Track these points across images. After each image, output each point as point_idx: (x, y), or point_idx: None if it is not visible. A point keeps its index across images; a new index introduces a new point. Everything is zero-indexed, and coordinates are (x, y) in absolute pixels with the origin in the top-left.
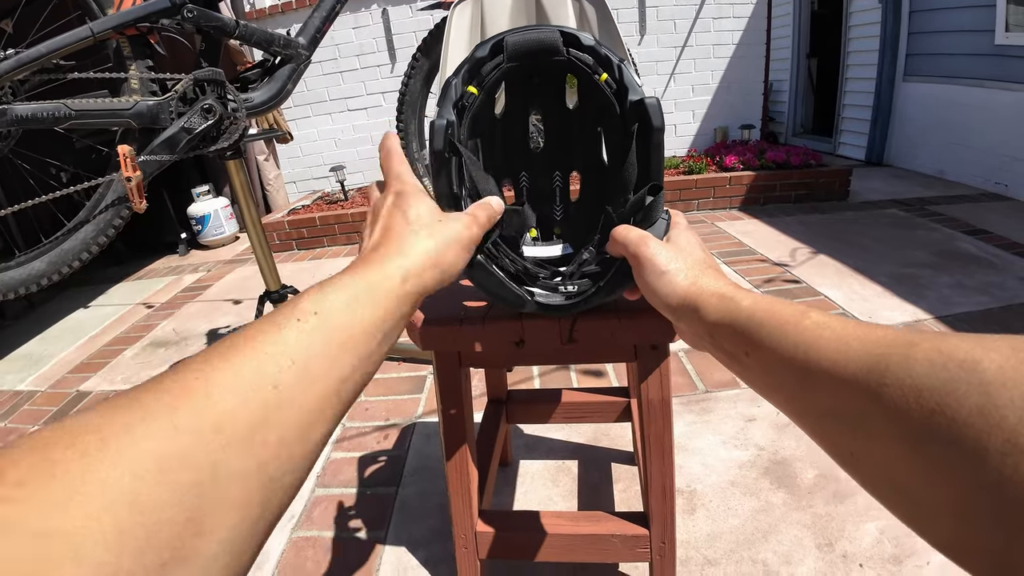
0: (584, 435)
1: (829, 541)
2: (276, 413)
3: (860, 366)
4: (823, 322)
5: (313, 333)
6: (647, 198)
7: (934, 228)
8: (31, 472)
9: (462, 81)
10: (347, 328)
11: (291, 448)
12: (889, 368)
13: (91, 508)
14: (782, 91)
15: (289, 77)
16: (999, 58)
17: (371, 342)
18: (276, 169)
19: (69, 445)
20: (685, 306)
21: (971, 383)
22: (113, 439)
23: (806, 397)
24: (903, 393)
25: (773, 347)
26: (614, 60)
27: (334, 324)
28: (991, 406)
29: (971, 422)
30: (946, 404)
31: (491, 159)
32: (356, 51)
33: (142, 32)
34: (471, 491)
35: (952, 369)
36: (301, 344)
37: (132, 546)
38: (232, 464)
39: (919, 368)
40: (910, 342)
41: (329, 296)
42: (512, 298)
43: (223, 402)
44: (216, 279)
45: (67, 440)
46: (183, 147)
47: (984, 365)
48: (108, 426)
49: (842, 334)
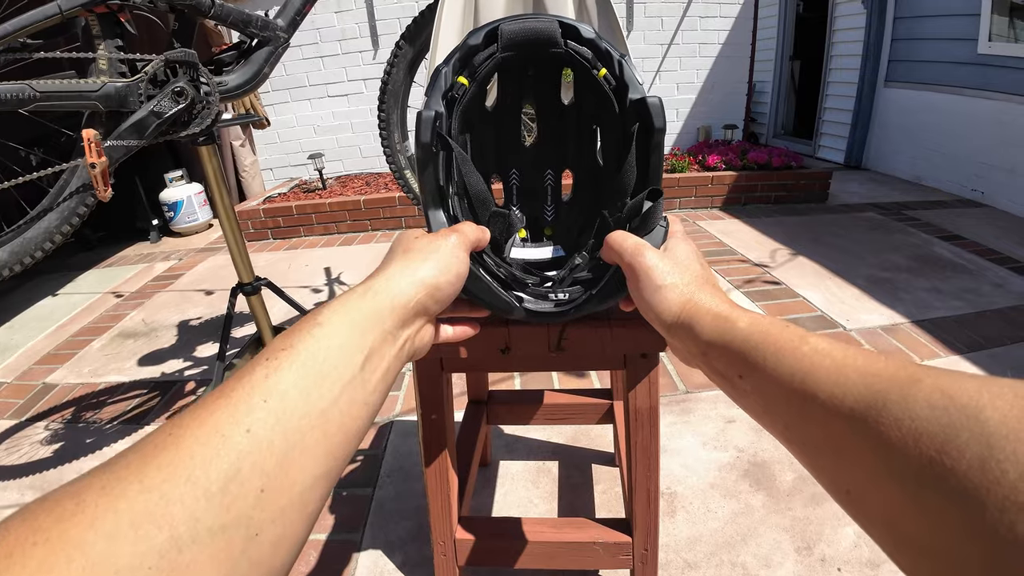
0: (564, 435)
1: (808, 544)
2: (249, 458)
3: (858, 400)
4: (822, 349)
5: (283, 369)
6: (646, 203)
7: (911, 233)
8: (17, 542)
9: (452, 70)
10: (323, 356)
11: (274, 497)
12: (888, 406)
13: (70, 573)
14: (765, 92)
15: (266, 60)
16: (981, 67)
17: (349, 371)
18: (252, 155)
19: (49, 511)
20: (680, 323)
21: (973, 431)
22: (90, 502)
23: (801, 427)
24: (902, 434)
25: (768, 372)
26: (615, 55)
27: (308, 355)
28: (992, 459)
29: (971, 474)
30: (946, 452)
31: (480, 154)
32: (338, 36)
33: (112, 10)
34: (451, 497)
35: (954, 414)
36: (268, 382)
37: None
38: (208, 519)
39: (919, 409)
40: (912, 378)
41: (302, 328)
42: (500, 304)
43: (194, 454)
44: (188, 268)
45: (48, 506)
46: (152, 132)
47: (987, 413)
48: (86, 489)
49: (841, 363)
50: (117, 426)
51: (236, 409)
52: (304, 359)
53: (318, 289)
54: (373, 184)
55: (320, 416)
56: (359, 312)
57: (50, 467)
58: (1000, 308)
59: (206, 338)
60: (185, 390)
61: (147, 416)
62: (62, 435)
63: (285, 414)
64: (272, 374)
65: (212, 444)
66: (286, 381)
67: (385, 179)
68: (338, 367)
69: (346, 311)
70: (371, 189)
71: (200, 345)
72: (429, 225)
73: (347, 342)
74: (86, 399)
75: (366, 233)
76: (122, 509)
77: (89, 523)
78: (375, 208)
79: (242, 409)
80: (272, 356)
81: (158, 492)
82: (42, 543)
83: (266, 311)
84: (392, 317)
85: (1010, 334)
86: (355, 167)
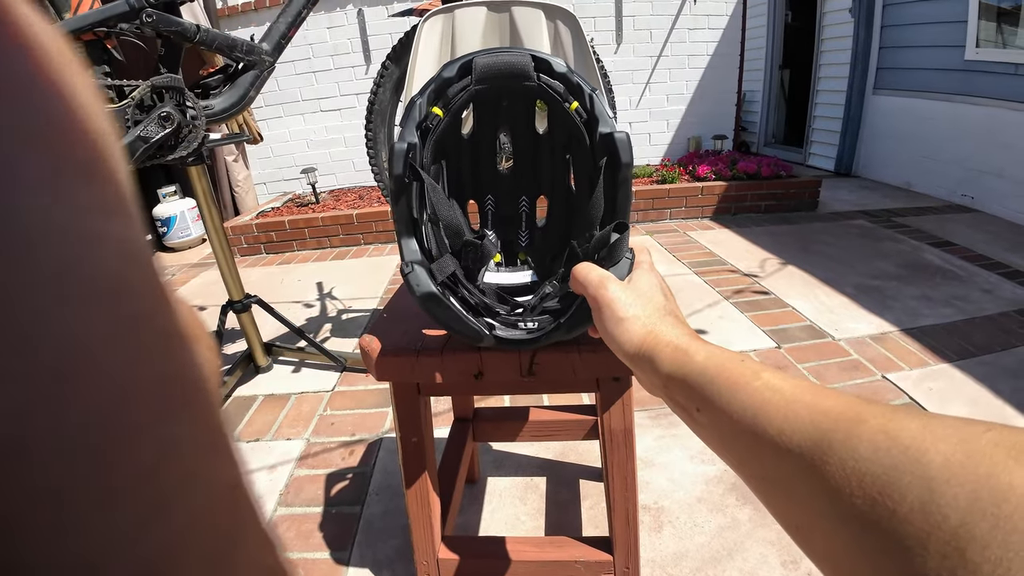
0: (552, 451)
1: (794, 559)
2: None
3: (805, 438)
4: (774, 385)
5: None
6: (612, 235)
7: (900, 240)
8: None
9: (427, 101)
10: None
11: None
12: (832, 446)
13: None
14: (755, 102)
15: (252, 84)
16: (968, 73)
17: None
18: (246, 170)
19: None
20: (641, 355)
21: (915, 474)
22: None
23: (753, 463)
24: (846, 475)
25: (723, 407)
26: (586, 89)
27: None
28: (933, 503)
29: (912, 518)
30: (888, 494)
31: (456, 181)
32: (330, 51)
33: (99, 37)
34: (432, 519)
35: (896, 456)
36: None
37: None
38: None
39: (863, 450)
40: (857, 417)
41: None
42: (469, 332)
43: None
44: (181, 284)
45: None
46: (139, 156)
47: (930, 456)
48: None
49: (791, 399)
50: None
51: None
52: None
53: (310, 304)
54: (366, 198)
55: None
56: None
57: None
58: (990, 314)
59: None
60: None
61: None
62: None
63: None
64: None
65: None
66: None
67: (378, 192)
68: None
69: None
70: (364, 203)
71: None
72: (403, 253)
73: None
74: None
75: (359, 247)
76: None
77: None
78: (368, 222)
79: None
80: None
81: None
82: None
83: (256, 328)
84: None
85: (1000, 341)
86: (348, 181)
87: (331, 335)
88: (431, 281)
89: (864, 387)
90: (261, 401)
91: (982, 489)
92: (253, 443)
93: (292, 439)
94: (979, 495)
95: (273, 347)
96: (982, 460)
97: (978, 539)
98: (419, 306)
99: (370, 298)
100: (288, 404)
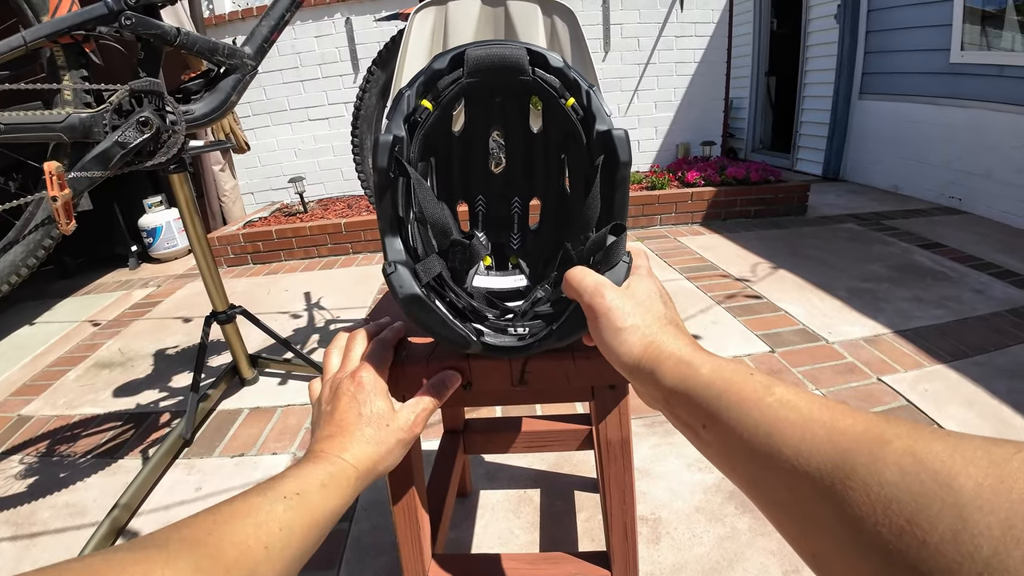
0: (547, 462)
1: (795, 568)
2: (262, 567)
3: (824, 460)
4: (788, 401)
5: (296, 509)
6: (609, 238)
7: (890, 242)
8: None
9: (416, 93)
10: (320, 508)
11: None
12: (856, 469)
13: None
14: (742, 108)
15: (233, 88)
16: (953, 76)
17: (331, 522)
18: (233, 180)
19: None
20: (641, 368)
21: (945, 502)
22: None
23: (766, 485)
24: (870, 501)
25: (732, 424)
26: (583, 85)
27: (310, 504)
28: (966, 533)
29: (943, 549)
30: (917, 523)
31: (447, 180)
32: (318, 60)
33: (77, 40)
34: (421, 537)
35: (926, 481)
36: (286, 517)
37: None
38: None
39: (889, 474)
40: (880, 438)
41: (307, 479)
42: (455, 338)
43: (230, 552)
44: (166, 295)
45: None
46: (117, 162)
47: (960, 481)
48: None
49: (808, 417)
50: (91, 460)
51: (258, 529)
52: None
53: (297, 315)
54: (355, 207)
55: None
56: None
57: (23, 503)
58: (982, 315)
59: (182, 367)
60: (160, 422)
61: (121, 450)
62: (36, 469)
63: (289, 544)
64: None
65: (242, 548)
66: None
67: (367, 202)
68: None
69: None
70: (353, 212)
71: (176, 375)
72: (386, 253)
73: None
74: (60, 432)
75: (347, 256)
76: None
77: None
78: (356, 231)
79: (263, 531)
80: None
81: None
82: None
83: (241, 339)
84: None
85: (994, 341)
86: (337, 190)
87: (318, 346)
88: (415, 283)
89: (860, 390)
90: (246, 415)
91: (1016, 517)
92: (238, 458)
93: (278, 453)
94: (1013, 523)
95: (259, 359)
96: (1015, 485)
97: (1011, 571)
98: (402, 309)
99: (358, 308)
100: (274, 417)
